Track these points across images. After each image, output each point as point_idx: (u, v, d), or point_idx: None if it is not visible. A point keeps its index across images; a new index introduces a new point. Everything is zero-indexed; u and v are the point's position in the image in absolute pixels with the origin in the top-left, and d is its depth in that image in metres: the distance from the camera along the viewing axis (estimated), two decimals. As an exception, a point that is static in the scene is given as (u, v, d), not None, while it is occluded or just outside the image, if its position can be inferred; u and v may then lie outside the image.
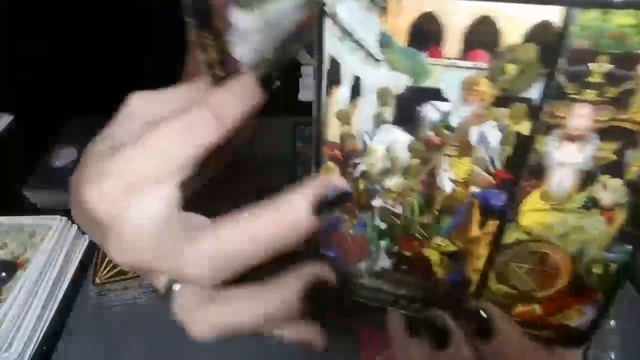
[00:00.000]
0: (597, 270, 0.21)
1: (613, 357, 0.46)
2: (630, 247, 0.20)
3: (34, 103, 0.81)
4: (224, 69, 0.21)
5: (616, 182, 0.19)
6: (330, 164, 0.22)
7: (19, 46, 0.99)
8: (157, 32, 0.91)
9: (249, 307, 0.20)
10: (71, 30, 1.00)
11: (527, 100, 0.18)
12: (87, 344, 0.51)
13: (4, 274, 0.51)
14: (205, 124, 0.19)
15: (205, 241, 0.19)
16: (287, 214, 0.19)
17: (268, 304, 0.20)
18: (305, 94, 0.76)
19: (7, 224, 0.57)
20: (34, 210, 0.66)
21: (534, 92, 0.18)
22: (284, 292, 0.20)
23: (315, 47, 0.19)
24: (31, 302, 0.50)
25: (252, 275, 0.20)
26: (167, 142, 0.19)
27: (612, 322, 0.47)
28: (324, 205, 0.19)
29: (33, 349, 0.49)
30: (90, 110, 0.79)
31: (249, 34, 0.21)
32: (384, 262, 0.24)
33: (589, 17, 0.16)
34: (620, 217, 0.20)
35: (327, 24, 0.18)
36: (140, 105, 0.22)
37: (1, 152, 0.72)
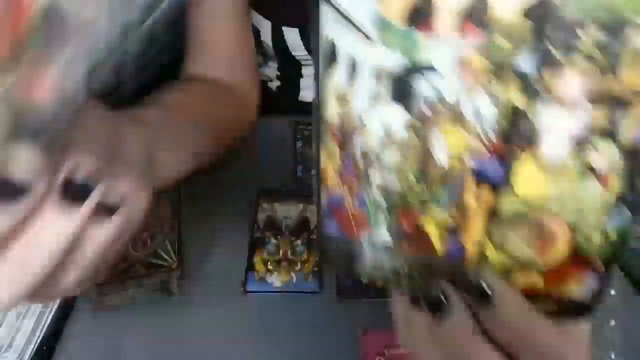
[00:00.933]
0: (596, 237, 0.21)
1: (613, 357, 0.46)
2: (629, 212, 0.20)
3: (34, 103, 0.81)
4: None
5: (609, 148, 0.19)
6: (331, 144, 0.23)
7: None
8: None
9: None
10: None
11: (519, 72, 0.19)
12: (87, 344, 0.51)
13: (4, 274, 0.51)
14: None
15: None
16: None
17: None
18: (306, 94, 0.76)
19: (7, 224, 0.57)
20: (34, 210, 0.66)
21: (527, 64, 0.19)
22: None
23: (312, 31, 0.20)
24: (31, 302, 0.50)
25: None
26: None
27: (612, 322, 0.47)
28: None
29: (33, 349, 0.48)
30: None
31: None
32: (385, 238, 0.25)
33: None
34: (616, 183, 0.20)
35: (323, 7, 0.19)
36: None
37: (1, 152, 0.72)
